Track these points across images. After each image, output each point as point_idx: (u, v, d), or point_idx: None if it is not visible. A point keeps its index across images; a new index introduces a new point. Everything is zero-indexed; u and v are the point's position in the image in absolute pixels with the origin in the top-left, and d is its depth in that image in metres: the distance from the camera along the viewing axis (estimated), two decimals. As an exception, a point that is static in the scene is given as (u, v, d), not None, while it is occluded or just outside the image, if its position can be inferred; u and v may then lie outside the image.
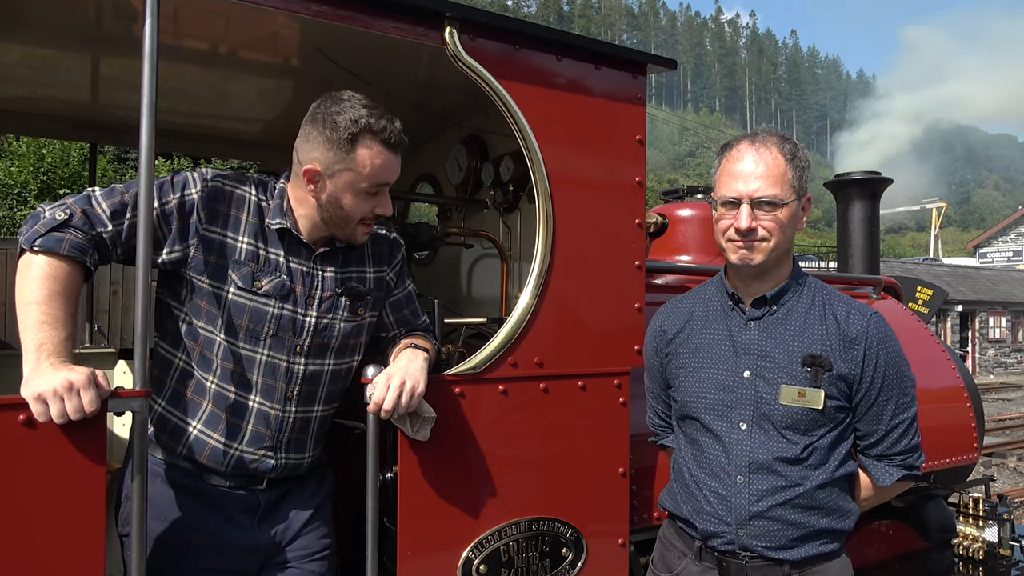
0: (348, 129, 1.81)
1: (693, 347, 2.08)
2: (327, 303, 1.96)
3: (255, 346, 1.89)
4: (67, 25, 2.21)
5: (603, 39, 3.82)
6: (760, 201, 1.91)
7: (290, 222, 1.92)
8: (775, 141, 1.96)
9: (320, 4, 1.92)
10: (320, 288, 1.96)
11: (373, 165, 1.85)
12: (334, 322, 1.98)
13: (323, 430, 2.08)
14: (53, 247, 1.63)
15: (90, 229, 1.71)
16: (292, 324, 1.92)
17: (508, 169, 2.90)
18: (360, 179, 1.85)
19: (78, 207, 1.71)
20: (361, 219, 1.91)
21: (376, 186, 1.88)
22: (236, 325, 1.87)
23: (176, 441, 1.89)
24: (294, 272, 1.93)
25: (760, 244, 1.93)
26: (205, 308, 1.87)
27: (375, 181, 1.87)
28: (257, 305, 1.87)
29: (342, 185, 1.86)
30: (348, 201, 1.88)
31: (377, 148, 1.84)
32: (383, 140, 1.84)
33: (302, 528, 2.03)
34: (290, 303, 1.91)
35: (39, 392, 1.49)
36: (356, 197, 1.88)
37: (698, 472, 2.01)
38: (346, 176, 1.85)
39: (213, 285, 1.85)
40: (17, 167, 14.62)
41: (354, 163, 1.84)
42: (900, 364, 1.94)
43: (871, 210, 4.29)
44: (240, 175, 1.96)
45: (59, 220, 1.66)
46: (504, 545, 2.17)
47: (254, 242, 1.89)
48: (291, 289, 1.91)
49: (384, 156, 1.86)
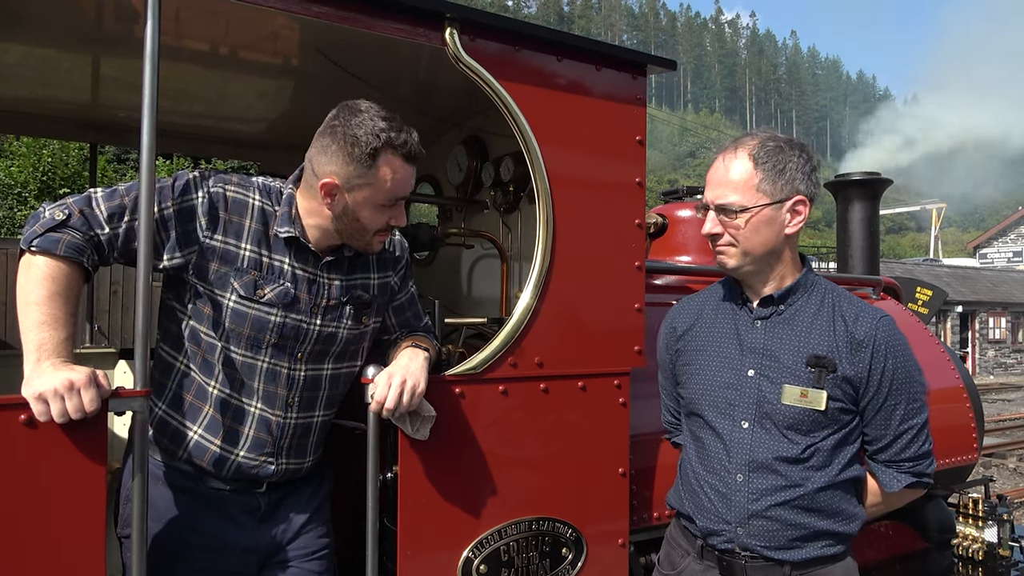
0: (370, 144, 1.78)
1: (701, 345, 2.08)
2: (332, 312, 1.96)
3: (256, 353, 1.88)
4: (68, 25, 2.21)
5: (603, 40, 3.85)
6: (720, 207, 1.94)
7: (298, 230, 1.90)
8: (751, 145, 1.93)
9: (321, 5, 1.92)
10: (326, 297, 1.95)
11: (394, 180, 1.84)
12: (338, 330, 1.98)
13: (323, 434, 2.08)
14: (49, 247, 1.63)
15: (87, 230, 1.70)
16: (295, 332, 1.91)
17: (508, 170, 2.91)
18: (380, 194, 1.84)
19: (77, 208, 1.70)
20: (377, 230, 1.91)
21: (394, 199, 1.87)
22: (238, 333, 1.86)
23: (177, 445, 1.89)
24: (299, 279, 1.91)
25: (728, 249, 1.95)
26: (208, 313, 1.85)
27: (394, 196, 1.86)
28: (259, 314, 1.86)
29: (361, 200, 1.84)
30: (366, 215, 1.86)
31: (398, 163, 1.83)
32: (404, 155, 1.83)
33: (301, 528, 2.04)
34: (294, 311, 1.90)
35: (40, 391, 1.49)
36: (374, 211, 1.87)
37: (700, 469, 2.02)
38: (366, 191, 1.83)
39: (215, 292, 1.84)
40: (17, 167, 14.61)
41: (375, 178, 1.82)
42: (910, 369, 1.91)
43: (871, 211, 4.29)
44: (243, 179, 1.93)
45: (57, 220, 1.66)
46: (504, 545, 2.17)
47: (257, 249, 1.87)
48: (295, 297, 1.90)
49: (404, 170, 1.85)
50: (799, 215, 1.95)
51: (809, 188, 1.94)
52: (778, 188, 1.91)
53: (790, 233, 1.95)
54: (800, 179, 1.92)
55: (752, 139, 1.96)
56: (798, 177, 1.92)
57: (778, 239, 1.94)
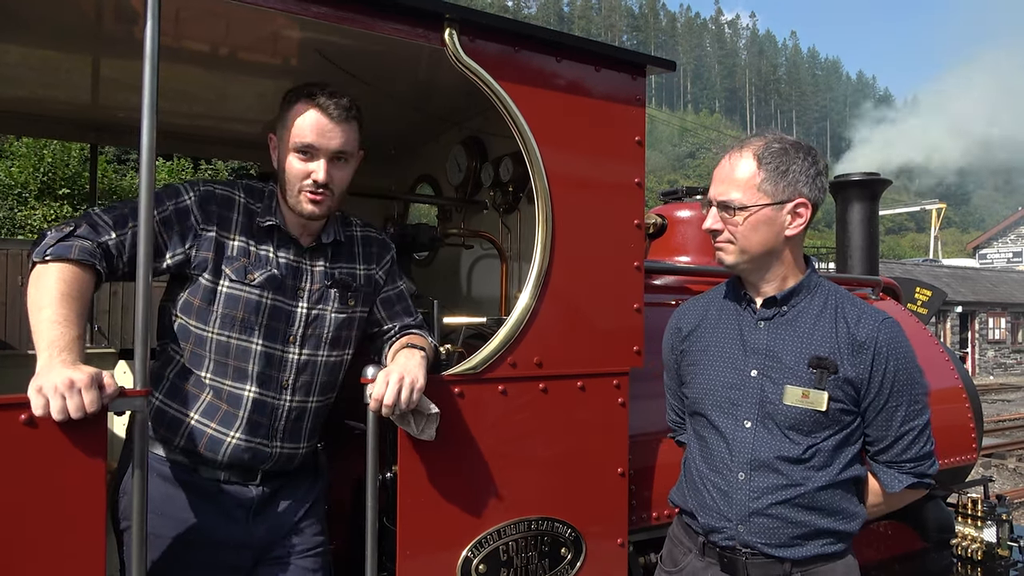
0: (292, 94, 1.97)
1: (705, 345, 2.09)
2: (316, 294, 2.05)
3: (250, 336, 1.96)
4: (68, 26, 2.22)
5: (603, 40, 3.85)
6: (721, 203, 1.96)
7: (279, 219, 2.02)
8: (757, 146, 1.95)
9: (320, 5, 1.93)
10: (309, 281, 2.05)
11: (302, 122, 1.93)
12: (325, 312, 2.06)
13: (318, 421, 2.12)
14: (63, 253, 1.73)
15: (96, 237, 1.80)
16: (285, 315, 2.00)
17: (507, 170, 2.91)
18: (291, 137, 1.94)
19: (82, 221, 1.82)
20: (301, 187, 1.97)
21: (306, 146, 1.94)
22: (231, 317, 1.94)
23: (174, 433, 1.94)
24: (283, 266, 2.02)
25: (727, 246, 1.98)
26: (197, 305, 1.94)
27: (302, 139, 1.94)
28: (250, 296, 1.96)
29: (284, 147, 1.97)
30: (287, 163, 1.97)
31: (309, 110, 1.93)
32: (315, 103, 1.93)
33: (296, 524, 2.07)
34: (281, 294, 2.00)
35: (41, 386, 1.51)
36: (293, 158, 1.95)
37: (703, 467, 2.03)
38: (283, 137, 1.97)
39: (209, 280, 1.94)
40: (17, 168, 14.62)
41: (287, 120, 1.96)
42: (911, 371, 1.92)
43: (870, 211, 4.30)
44: (228, 181, 2.08)
45: (65, 232, 1.77)
46: (503, 545, 2.18)
47: (245, 239, 1.99)
48: (282, 282, 2.00)
49: (312, 115, 1.93)
50: (800, 218, 1.95)
51: (813, 192, 1.95)
52: (779, 189, 1.92)
53: (791, 235, 1.95)
54: (803, 182, 1.93)
55: (759, 140, 1.98)
56: (801, 180, 1.93)
57: (777, 240, 1.95)
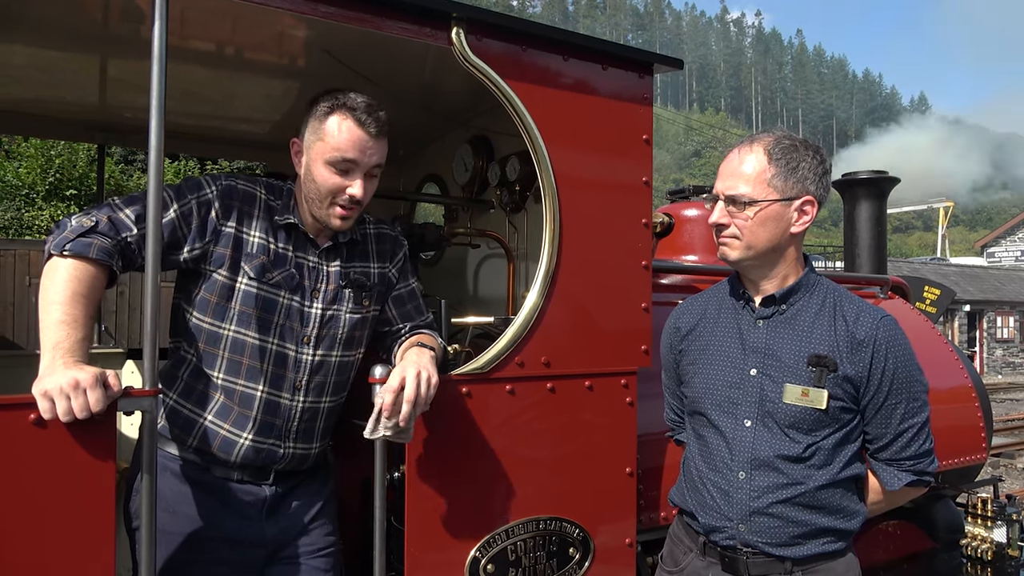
0: (326, 103, 1.94)
1: (704, 344, 2.09)
2: (331, 295, 2.04)
3: (265, 335, 1.95)
4: (75, 27, 2.22)
5: (609, 39, 3.82)
6: (730, 198, 1.95)
7: (297, 218, 2.01)
8: (767, 141, 1.95)
9: (327, 5, 1.93)
10: (325, 282, 2.03)
11: (341, 136, 1.91)
12: (339, 313, 2.05)
13: (330, 422, 2.12)
14: (82, 251, 1.71)
15: (116, 235, 1.79)
16: (300, 315, 1.99)
17: (514, 169, 2.91)
18: (327, 149, 1.92)
19: (103, 214, 1.79)
20: (333, 200, 1.95)
21: (344, 161, 1.93)
22: (248, 315, 1.93)
23: (187, 433, 1.94)
24: (301, 266, 2.01)
25: (732, 241, 1.97)
26: (214, 302, 1.93)
27: (341, 154, 1.92)
28: (268, 295, 1.95)
29: (315, 156, 1.94)
30: (318, 173, 1.94)
31: (348, 123, 1.91)
32: (355, 118, 1.92)
33: (308, 524, 2.07)
34: (298, 295, 1.99)
35: (46, 389, 1.51)
36: (326, 169, 1.93)
37: (703, 467, 2.03)
38: (317, 147, 1.93)
39: (228, 277, 1.93)
40: (25, 168, 14.67)
41: (324, 132, 1.92)
42: (910, 369, 1.93)
43: (878, 209, 4.28)
44: (250, 177, 2.04)
45: (86, 227, 1.74)
46: (511, 544, 2.17)
47: (265, 236, 1.98)
48: (299, 282, 1.99)
49: (352, 131, 1.92)
50: (806, 215, 1.96)
51: (819, 190, 1.96)
52: (789, 186, 1.93)
53: (795, 232, 1.97)
54: (812, 180, 1.94)
55: (768, 136, 1.98)
56: (809, 177, 1.94)
57: (783, 236, 1.96)
